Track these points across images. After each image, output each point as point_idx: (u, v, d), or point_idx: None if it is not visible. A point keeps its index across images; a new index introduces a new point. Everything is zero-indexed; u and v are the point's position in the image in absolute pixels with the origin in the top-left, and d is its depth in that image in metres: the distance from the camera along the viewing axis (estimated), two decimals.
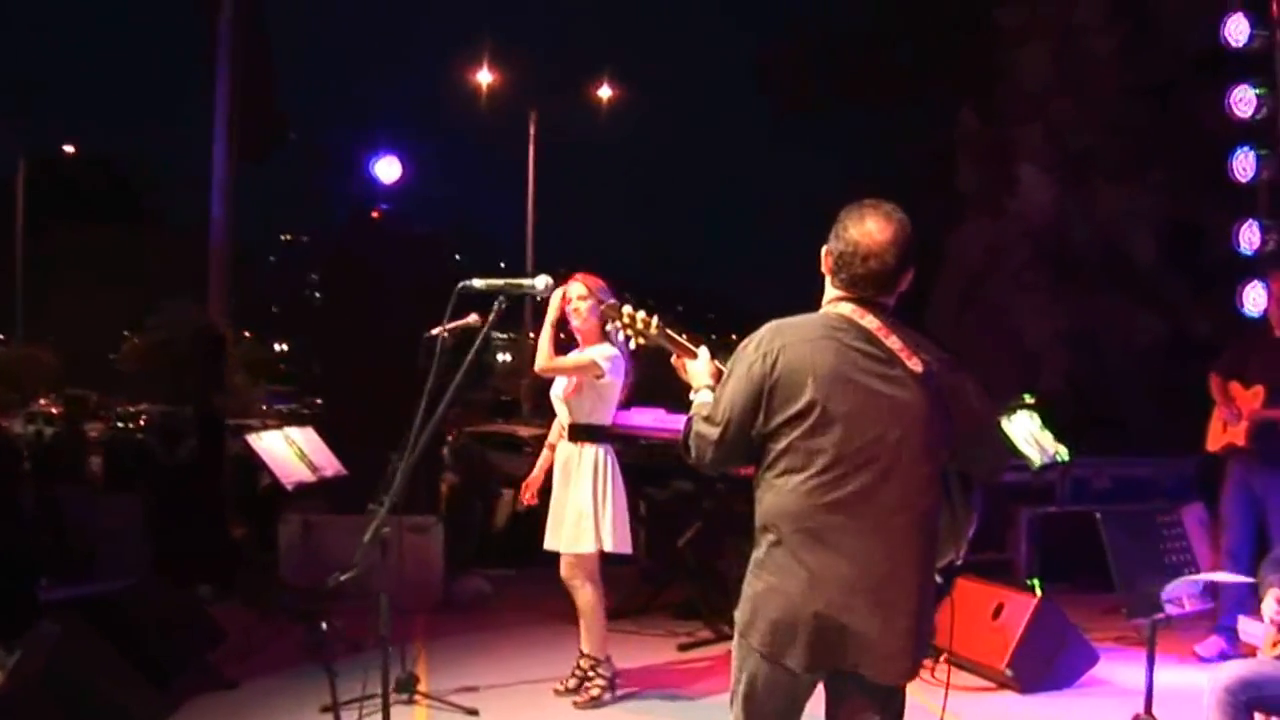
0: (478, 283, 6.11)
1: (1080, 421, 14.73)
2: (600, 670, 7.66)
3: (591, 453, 7.50)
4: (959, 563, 4.23)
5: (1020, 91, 17.08)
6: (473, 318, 6.85)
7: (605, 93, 31.77)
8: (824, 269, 4.20)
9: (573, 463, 7.54)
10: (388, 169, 12.10)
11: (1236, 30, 10.85)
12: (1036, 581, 9.72)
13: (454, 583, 10.74)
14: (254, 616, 9.54)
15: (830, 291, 4.17)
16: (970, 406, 4.12)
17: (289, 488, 8.72)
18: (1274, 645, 5.49)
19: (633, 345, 4.74)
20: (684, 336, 4.71)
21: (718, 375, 4.42)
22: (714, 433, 4.07)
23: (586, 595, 7.59)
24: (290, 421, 14.69)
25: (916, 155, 19.67)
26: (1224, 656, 8.66)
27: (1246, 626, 6.05)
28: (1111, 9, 16.27)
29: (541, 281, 6.31)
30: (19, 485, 11.71)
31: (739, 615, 4.09)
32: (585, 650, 7.73)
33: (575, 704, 7.60)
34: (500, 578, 11.28)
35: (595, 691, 7.62)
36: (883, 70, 20.09)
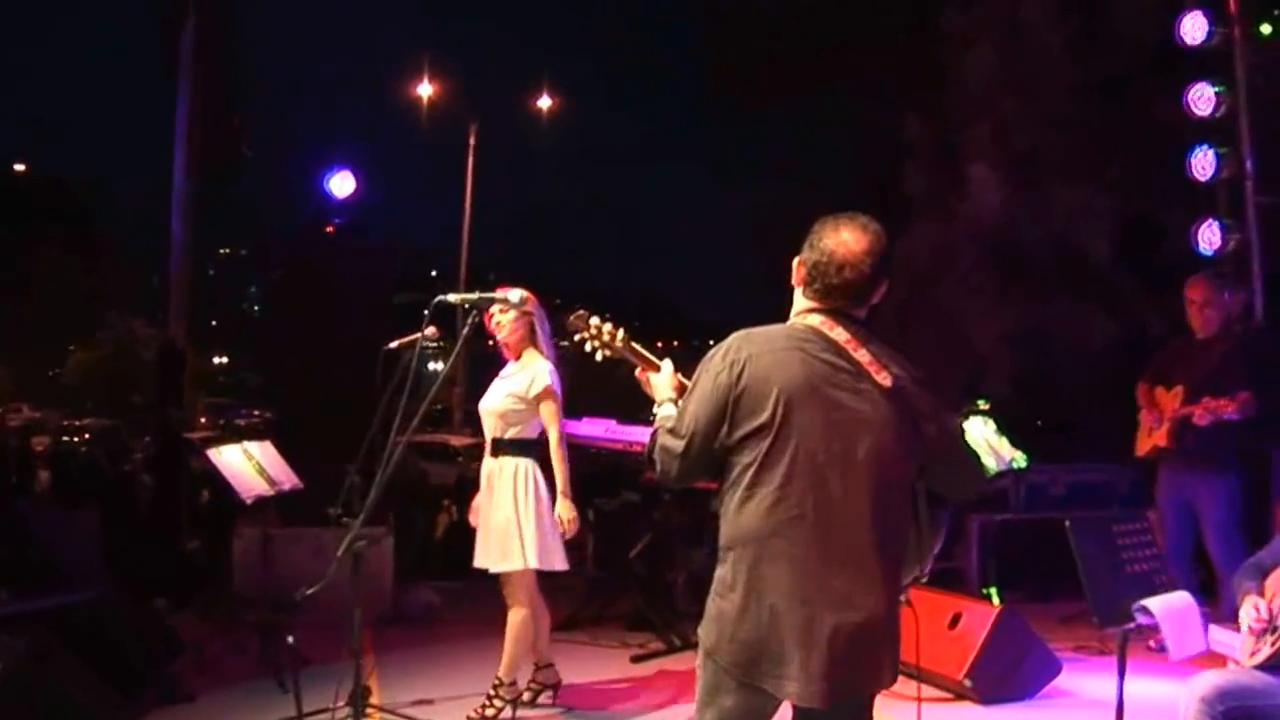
0: (452, 297, 6.15)
1: (1032, 425, 14.78)
2: (502, 693, 7.50)
3: (512, 466, 7.38)
4: (924, 579, 4.20)
5: (967, 92, 17.00)
6: (430, 330, 6.92)
7: (545, 103, 31.67)
8: (794, 281, 4.14)
9: (495, 477, 7.42)
10: (341, 184, 12.13)
11: (1193, 28, 10.71)
12: (994, 590, 9.76)
13: (403, 595, 10.68)
14: (209, 629, 9.52)
15: (800, 303, 4.11)
16: (942, 427, 4.09)
17: (248, 502, 8.73)
18: (1252, 654, 5.42)
19: (599, 357, 4.76)
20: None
21: (681, 389, 4.34)
22: (678, 445, 3.98)
23: (517, 616, 7.45)
24: (247, 434, 14.66)
25: (860, 160, 19.59)
26: None
27: (1218, 635, 6.06)
28: (1059, 5, 16.22)
29: (516, 295, 6.37)
30: None
31: (704, 633, 4.01)
32: (500, 670, 7.57)
33: (468, 718, 7.49)
34: (448, 589, 11.17)
35: (490, 712, 7.48)
36: (825, 74, 20.00)
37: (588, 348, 4.72)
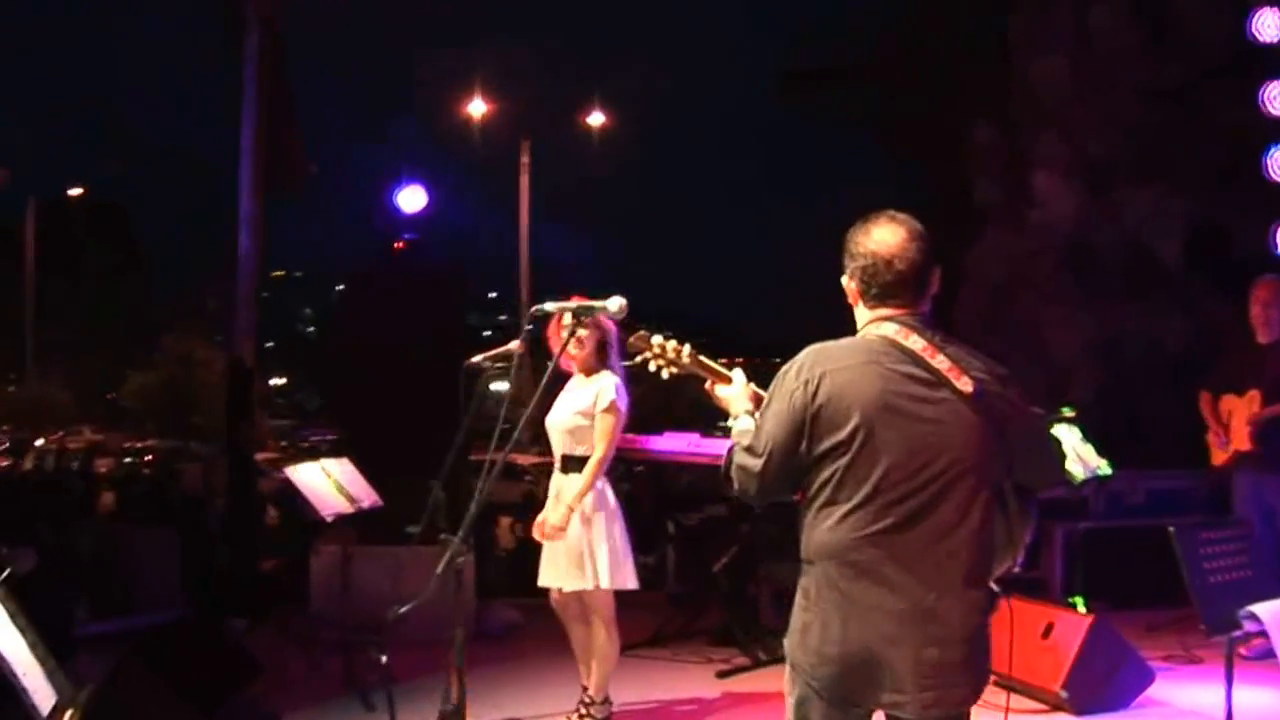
0: (549, 306, 5.98)
1: (1108, 431, 14.59)
2: (594, 711, 7.45)
3: (579, 483, 7.24)
4: (1017, 569, 4.11)
5: (1036, 99, 16.84)
6: (514, 344, 6.78)
7: (597, 119, 31.50)
8: (850, 300, 4.13)
9: (563, 494, 7.29)
10: (411, 199, 12.04)
11: (1265, 25, 10.60)
12: (1080, 600, 9.61)
13: (484, 612, 10.63)
14: (289, 649, 9.51)
15: (865, 315, 4.09)
16: (1028, 421, 4.07)
17: (328, 519, 8.66)
18: None
19: (665, 375, 4.66)
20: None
21: (756, 399, 4.33)
22: (756, 464, 3.96)
23: (600, 634, 7.36)
24: (317, 455, 14.61)
25: (929, 172, 19.46)
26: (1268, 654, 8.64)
27: None
28: (1129, 9, 16.03)
29: (615, 303, 6.16)
30: (50, 522, 11.71)
31: (789, 646, 4.02)
32: (589, 688, 7.51)
33: None
34: (528, 606, 11.07)
35: None
36: (894, 85, 19.86)
37: (652, 367, 4.70)
